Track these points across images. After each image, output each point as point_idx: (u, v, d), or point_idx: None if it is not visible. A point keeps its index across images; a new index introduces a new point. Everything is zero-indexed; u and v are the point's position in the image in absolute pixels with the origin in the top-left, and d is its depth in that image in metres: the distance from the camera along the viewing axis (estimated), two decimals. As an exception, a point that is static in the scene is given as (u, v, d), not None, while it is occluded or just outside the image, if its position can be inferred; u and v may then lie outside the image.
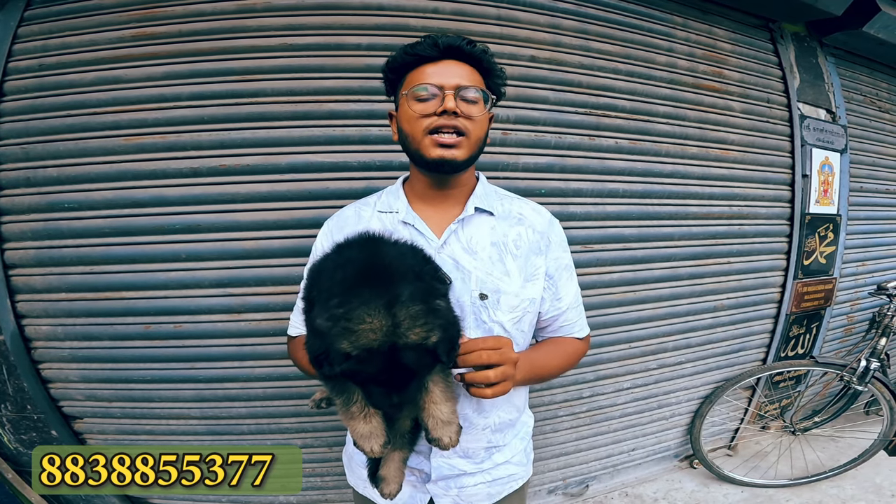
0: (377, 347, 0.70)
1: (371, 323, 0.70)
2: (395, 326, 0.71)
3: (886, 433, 2.69)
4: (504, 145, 2.11)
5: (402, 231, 1.10)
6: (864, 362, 2.61)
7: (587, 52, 2.26)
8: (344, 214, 1.19)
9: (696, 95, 2.52)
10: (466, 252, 1.08)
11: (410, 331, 0.72)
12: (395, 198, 1.16)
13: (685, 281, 2.60)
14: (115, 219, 1.92)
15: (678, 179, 2.50)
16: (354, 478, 1.26)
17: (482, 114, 1.04)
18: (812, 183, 2.82)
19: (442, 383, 0.87)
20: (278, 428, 2.14)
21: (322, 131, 1.94)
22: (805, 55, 2.84)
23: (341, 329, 0.71)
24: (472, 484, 1.17)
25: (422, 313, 0.73)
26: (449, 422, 0.88)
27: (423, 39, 1.04)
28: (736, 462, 2.93)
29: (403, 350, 0.72)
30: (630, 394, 2.63)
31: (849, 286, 3.22)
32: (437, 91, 1.00)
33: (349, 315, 0.71)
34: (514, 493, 1.27)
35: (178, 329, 1.98)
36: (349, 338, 0.70)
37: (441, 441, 0.89)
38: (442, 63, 1.02)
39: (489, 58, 1.07)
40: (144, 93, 1.89)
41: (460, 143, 1.01)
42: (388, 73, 1.11)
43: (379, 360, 0.71)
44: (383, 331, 0.70)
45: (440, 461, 1.13)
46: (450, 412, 0.88)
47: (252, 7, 1.90)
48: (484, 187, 1.18)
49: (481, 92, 1.04)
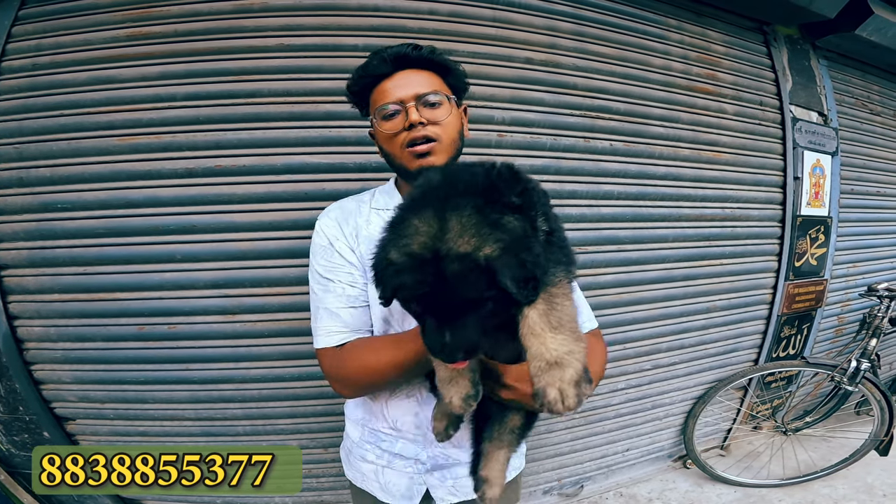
0: (420, 253, 0.62)
1: (419, 228, 0.64)
2: (442, 234, 0.62)
3: (877, 433, 2.72)
4: (500, 147, 2.12)
5: None
6: (854, 363, 2.64)
7: (583, 55, 2.28)
8: (346, 207, 1.18)
9: (690, 98, 2.54)
10: None
11: (459, 238, 0.61)
12: (391, 196, 1.17)
13: (679, 282, 2.62)
14: (109, 219, 1.90)
15: (672, 182, 2.52)
16: (353, 471, 1.26)
17: (448, 115, 1.05)
18: (803, 185, 2.85)
19: (543, 304, 0.65)
20: (274, 429, 2.14)
21: (319, 132, 1.94)
22: (798, 58, 2.87)
23: (393, 233, 0.67)
24: (467, 474, 1.17)
25: (477, 223, 0.62)
26: (559, 363, 0.62)
27: (371, 57, 1.06)
28: (729, 462, 2.96)
29: (448, 261, 0.60)
30: (624, 394, 2.64)
31: (839, 287, 3.26)
32: (398, 107, 1.02)
33: (401, 223, 0.68)
34: (509, 484, 1.27)
35: (172, 330, 1.97)
36: (397, 244, 0.65)
37: (547, 395, 0.62)
38: (397, 76, 1.04)
39: (440, 57, 1.08)
40: (139, 93, 1.88)
41: (434, 149, 1.03)
42: (351, 98, 1.14)
43: (425, 271, 0.61)
44: (429, 236, 0.62)
45: (436, 451, 1.15)
46: (560, 346, 0.62)
47: (249, 7, 1.90)
48: None
49: (442, 94, 1.05)
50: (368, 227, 1.12)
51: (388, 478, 1.18)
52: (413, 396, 1.12)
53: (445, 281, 0.60)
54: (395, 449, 1.17)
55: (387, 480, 1.18)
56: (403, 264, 0.63)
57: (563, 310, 0.65)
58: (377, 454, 1.19)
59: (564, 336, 0.63)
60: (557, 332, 0.63)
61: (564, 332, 0.63)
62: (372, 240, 1.05)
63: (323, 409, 2.12)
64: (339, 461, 2.19)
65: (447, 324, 0.62)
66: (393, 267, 0.64)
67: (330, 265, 1.11)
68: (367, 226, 1.12)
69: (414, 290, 0.63)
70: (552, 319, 0.63)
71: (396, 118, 1.02)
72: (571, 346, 0.63)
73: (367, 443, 1.20)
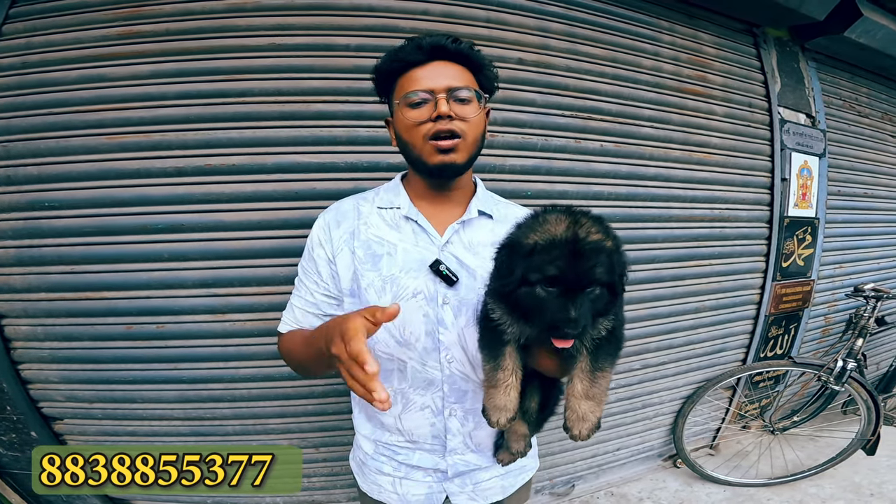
0: (561, 237, 0.79)
1: (557, 220, 0.82)
2: (577, 225, 0.80)
3: (864, 432, 2.75)
4: (491, 147, 2.12)
5: (404, 227, 1.10)
6: (840, 362, 2.67)
7: (574, 56, 2.29)
8: (342, 208, 1.17)
9: (680, 99, 2.56)
10: (468, 251, 1.09)
11: (590, 229, 0.80)
12: (396, 194, 1.15)
13: (668, 283, 2.64)
14: (97, 218, 1.89)
15: (662, 182, 2.54)
16: (368, 484, 1.24)
17: (476, 113, 1.03)
18: (791, 186, 2.88)
19: (587, 381, 0.89)
20: (263, 429, 2.13)
21: (310, 132, 1.94)
22: (787, 60, 2.90)
23: (530, 226, 0.84)
24: (487, 478, 1.20)
25: (599, 225, 0.82)
26: (584, 418, 0.90)
27: (408, 43, 1.02)
28: (718, 461, 2.98)
29: (584, 243, 0.78)
30: (614, 394, 2.65)
31: (826, 288, 3.29)
32: (428, 96, 0.99)
33: (537, 218, 0.85)
34: (523, 486, 1.30)
35: (160, 329, 1.96)
36: (537, 230, 0.82)
37: (572, 431, 0.91)
38: (430, 65, 1.01)
39: (477, 54, 1.06)
40: (129, 91, 1.86)
41: (458, 147, 1.01)
42: (377, 81, 1.10)
43: (563, 248, 0.78)
44: (568, 224, 0.80)
45: (455, 458, 1.15)
46: (588, 409, 0.90)
47: (241, 6, 1.89)
48: (483, 191, 1.20)
49: (473, 91, 1.02)
50: (368, 230, 1.10)
51: (407, 488, 1.17)
52: (427, 408, 1.12)
53: (581, 260, 0.77)
54: (413, 461, 1.16)
55: (405, 491, 1.17)
56: (546, 245, 0.79)
57: (599, 387, 0.90)
58: (394, 466, 1.18)
59: (593, 403, 0.90)
60: (590, 400, 0.90)
61: (594, 400, 0.90)
62: (372, 241, 1.09)
63: (314, 409, 2.12)
64: (329, 461, 2.23)
65: (572, 301, 0.78)
66: (538, 246, 0.80)
67: (306, 266, 1.17)
68: (366, 228, 1.11)
69: (560, 267, 0.78)
70: (589, 392, 0.90)
71: (423, 107, 0.99)
72: (594, 409, 0.91)
73: (382, 455, 1.19)
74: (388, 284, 1.05)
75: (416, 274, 1.05)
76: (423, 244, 1.08)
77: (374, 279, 1.06)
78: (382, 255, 1.07)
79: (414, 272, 1.05)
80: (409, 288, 1.05)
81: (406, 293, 1.05)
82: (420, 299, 1.05)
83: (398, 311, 0.79)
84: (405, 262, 1.06)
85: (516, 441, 1.11)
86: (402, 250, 1.07)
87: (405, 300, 1.04)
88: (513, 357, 0.93)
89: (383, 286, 1.05)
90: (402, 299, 1.04)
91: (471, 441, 1.16)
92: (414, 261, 1.06)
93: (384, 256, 1.07)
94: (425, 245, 1.08)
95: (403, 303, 1.04)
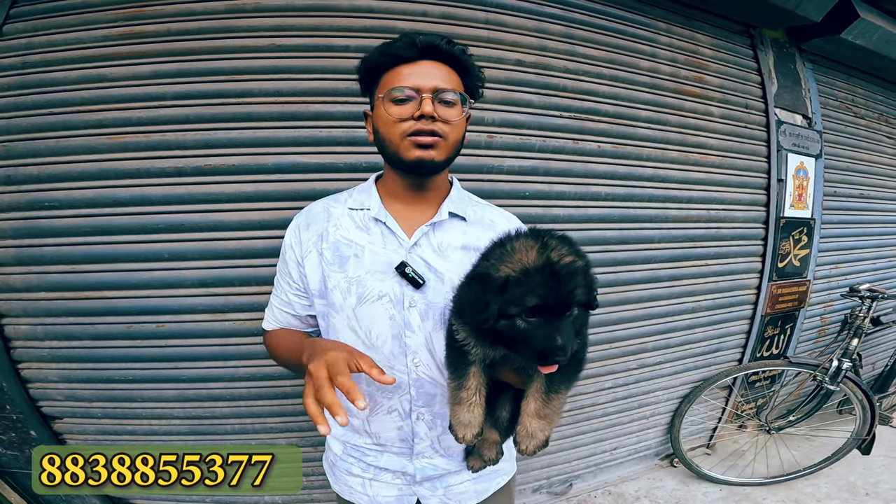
0: (535, 265, 0.78)
1: (526, 247, 0.81)
2: (548, 250, 0.80)
3: (859, 432, 2.77)
4: (489, 148, 2.14)
5: (373, 228, 1.09)
6: (836, 362, 2.69)
7: (572, 57, 2.30)
8: (313, 211, 1.16)
9: (678, 100, 2.58)
10: (437, 254, 1.07)
11: (561, 252, 0.80)
12: (368, 195, 1.14)
13: (664, 283, 2.66)
14: (97, 217, 1.90)
15: (659, 183, 2.55)
16: (339, 484, 1.24)
17: (459, 117, 1.03)
18: (787, 187, 2.90)
19: (540, 401, 0.91)
20: (262, 428, 2.14)
21: (309, 132, 1.95)
22: (783, 61, 2.92)
23: (498, 258, 0.83)
24: (458, 482, 1.18)
25: (569, 246, 0.82)
26: (533, 436, 0.93)
27: (400, 38, 1.01)
28: (714, 461, 3.00)
29: (560, 266, 0.78)
30: (611, 393, 2.67)
31: (822, 288, 3.32)
32: (413, 94, 0.98)
33: (503, 248, 0.84)
34: (501, 490, 1.28)
35: (160, 329, 1.97)
36: (507, 261, 0.81)
37: (519, 445, 0.94)
38: (419, 63, 1.00)
39: (468, 58, 1.05)
40: (129, 91, 1.87)
41: (437, 144, 1.00)
42: (363, 72, 1.08)
43: (540, 277, 0.77)
44: (538, 251, 0.80)
45: (423, 462, 1.14)
46: (538, 428, 0.93)
47: (242, 7, 1.90)
48: (458, 192, 1.18)
49: (459, 94, 1.02)
50: (337, 232, 1.10)
51: (377, 490, 1.17)
52: (395, 411, 1.11)
53: (559, 284, 0.77)
54: (381, 463, 1.15)
55: (375, 492, 1.17)
56: (520, 277, 0.78)
57: (551, 408, 0.92)
58: (363, 468, 1.17)
59: (544, 422, 0.93)
60: (541, 419, 0.92)
61: (545, 420, 0.92)
62: (340, 243, 1.08)
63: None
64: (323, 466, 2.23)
65: (556, 328, 0.77)
66: (512, 279, 0.79)
67: (281, 267, 1.19)
68: (335, 230, 1.10)
69: (541, 295, 0.77)
70: (541, 412, 0.92)
71: (407, 105, 0.98)
72: (544, 428, 0.93)
73: (350, 456, 1.19)
74: (353, 286, 1.05)
75: (383, 276, 1.04)
76: (391, 246, 1.07)
77: (341, 280, 1.05)
78: (350, 256, 1.07)
79: (380, 274, 1.05)
80: (375, 290, 1.04)
81: (371, 295, 1.04)
82: (385, 302, 1.04)
83: (392, 381, 0.89)
84: (372, 263, 1.06)
85: (488, 449, 1.11)
86: (370, 252, 1.07)
87: (371, 302, 1.04)
88: (476, 377, 0.93)
89: (349, 287, 1.05)
90: (368, 301, 1.04)
91: (439, 445, 1.15)
92: (381, 263, 1.05)
93: (351, 258, 1.07)
94: (393, 247, 1.07)
95: (369, 305, 1.04)
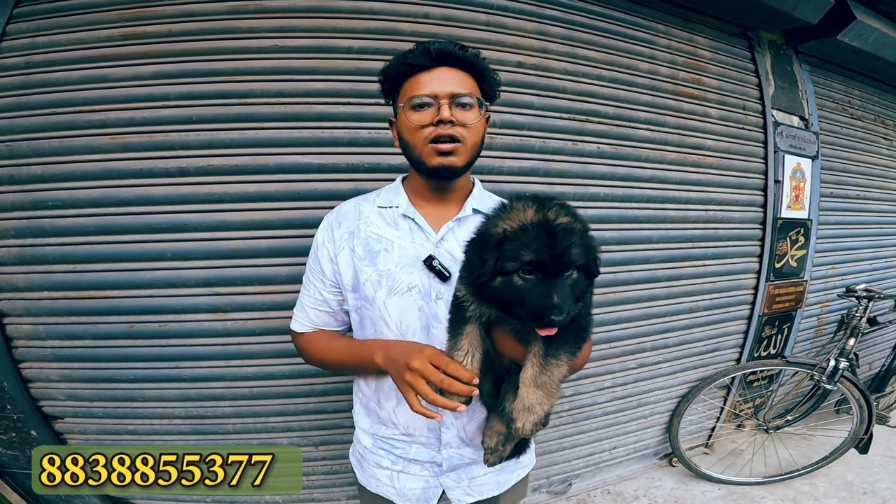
0: (531, 222, 0.80)
1: (525, 207, 0.83)
2: (545, 210, 0.82)
3: (856, 431, 2.80)
4: (490, 149, 2.14)
5: (402, 224, 1.15)
6: (833, 362, 2.71)
7: (572, 59, 2.32)
8: (344, 209, 1.22)
9: (676, 102, 2.60)
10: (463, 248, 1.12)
11: (558, 213, 0.82)
12: (395, 194, 1.20)
13: (663, 283, 2.68)
14: (100, 217, 1.90)
15: (657, 184, 2.57)
16: (367, 477, 1.27)
17: (477, 120, 1.08)
18: (784, 188, 2.92)
19: (538, 366, 0.87)
20: (264, 427, 2.15)
21: (311, 133, 1.96)
22: (781, 63, 2.95)
23: (498, 216, 0.86)
24: (482, 473, 1.22)
25: (567, 210, 0.84)
26: (531, 409, 0.87)
27: (416, 47, 1.07)
28: (713, 460, 3.02)
29: (556, 225, 0.79)
30: (610, 393, 2.69)
31: (819, 288, 3.34)
32: (431, 100, 1.04)
33: (504, 208, 0.87)
34: (519, 483, 1.32)
35: (163, 328, 1.97)
36: (506, 218, 0.84)
37: (515, 423, 0.89)
38: (435, 70, 1.05)
39: (482, 62, 1.11)
40: (132, 92, 1.88)
41: (457, 150, 1.05)
42: (383, 81, 1.14)
43: (535, 233, 0.79)
44: (535, 210, 0.82)
45: (450, 451, 1.18)
46: (536, 400, 0.87)
47: (244, 9, 1.91)
48: (480, 191, 1.25)
49: (475, 98, 1.07)
50: (368, 229, 1.15)
51: (404, 482, 1.20)
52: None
53: (555, 242, 0.78)
54: (410, 454, 1.19)
55: (402, 485, 1.20)
56: (517, 232, 0.81)
57: (551, 376, 0.87)
58: (392, 460, 1.21)
59: (542, 392, 0.87)
60: (539, 389, 0.87)
61: (544, 389, 0.87)
62: (370, 239, 1.13)
63: (314, 407, 2.14)
64: (329, 459, 2.25)
65: (552, 286, 0.78)
66: (509, 233, 0.81)
67: (312, 266, 1.22)
68: (366, 227, 1.15)
69: (535, 250, 0.78)
70: (539, 380, 0.87)
71: (426, 111, 1.04)
72: (543, 400, 0.88)
73: (380, 449, 1.22)
74: (383, 279, 1.09)
75: (411, 269, 1.09)
76: (419, 241, 1.13)
77: (371, 274, 1.10)
78: (380, 251, 1.12)
79: (409, 267, 1.10)
80: (404, 282, 1.09)
81: (401, 287, 1.09)
82: (415, 293, 1.09)
83: (472, 389, 0.92)
84: (401, 257, 1.11)
85: (490, 437, 1.12)
86: (399, 247, 1.12)
87: (400, 294, 1.09)
88: (470, 338, 0.94)
89: (379, 280, 1.10)
90: (398, 293, 1.09)
91: (465, 434, 1.18)
92: (409, 257, 1.10)
93: (381, 252, 1.12)
94: (421, 242, 1.13)
95: (399, 297, 1.09)
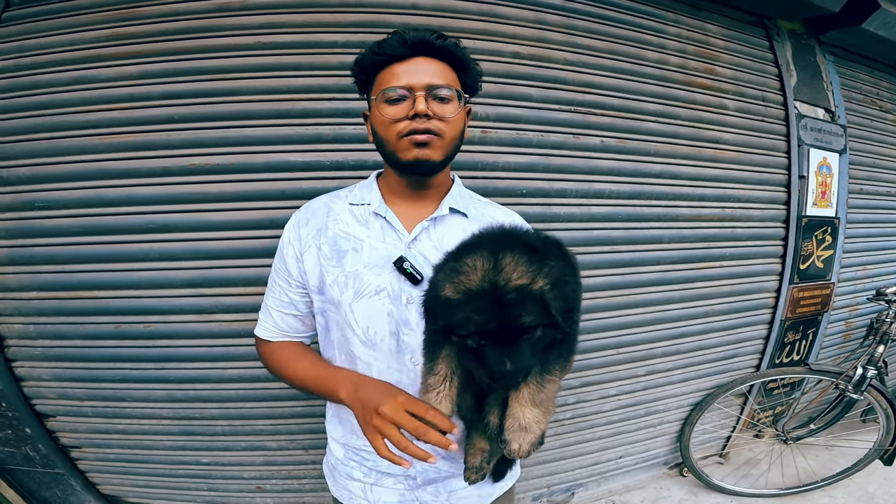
0: (477, 289, 0.71)
1: (473, 266, 0.73)
2: (497, 270, 0.71)
3: (882, 442, 2.61)
4: (483, 144, 2.06)
5: (373, 223, 1.08)
6: (860, 370, 2.53)
7: (573, 48, 2.20)
8: (313, 206, 1.15)
9: (688, 93, 2.45)
10: (437, 250, 1.04)
11: (513, 272, 0.71)
12: (369, 190, 1.12)
13: (676, 285, 2.54)
14: (87, 218, 1.90)
15: (668, 180, 2.43)
16: (340, 489, 1.21)
17: (455, 113, 1.00)
18: (809, 184, 2.74)
19: (534, 386, 0.82)
20: (252, 430, 2.12)
21: (296, 130, 1.91)
22: (802, 53, 2.76)
23: (446, 273, 0.75)
24: (461, 486, 1.15)
25: (528, 262, 0.72)
26: (527, 429, 0.82)
27: (391, 36, 0.99)
28: (726, 470, 2.87)
29: (506, 291, 0.70)
30: (616, 401, 2.57)
31: (847, 291, 3.13)
32: (406, 93, 0.96)
33: (456, 261, 0.76)
34: (504, 496, 1.26)
35: (148, 329, 1.96)
36: (452, 280, 0.73)
37: (510, 445, 0.84)
38: (412, 61, 0.97)
39: (462, 51, 1.02)
40: (119, 92, 1.86)
41: (433, 143, 0.98)
42: (357, 73, 1.06)
43: (481, 303, 0.70)
44: (485, 271, 0.71)
45: (426, 465, 1.09)
46: (532, 419, 0.82)
47: (229, 6, 1.87)
48: (459, 189, 1.17)
49: (454, 90, 0.99)
50: (336, 227, 1.08)
51: (378, 495, 1.14)
52: None
53: (504, 310, 0.69)
54: (382, 466, 1.12)
55: (377, 498, 1.14)
56: (461, 300, 0.72)
57: (547, 392, 0.83)
58: (364, 472, 1.15)
59: (539, 411, 0.83)
60: (535, 407, 0.83)
61: (540, 408, 0.83)
62: (339, 237, 1.06)
63: (302, 411, 2.10)
64: (319, 463, 2.19)
65: (506, 352, 0.72)
66: (453, 302, 0.72)
67: (278, 265, 1.15)
68: (335, 224, 1.08)
69: (479, 322, 0.71)
70: (535, 398, 0.82)
71: (401, 104, 0.96)
72: (540, 419, 0.83)
73: (351, 461, 1.17)
74: (350, 280, 1.02)
75: (381, 271, 1.02)
76: (391, 241, 1.05)
77: (338, 275, 1.03)
78: (348, 250, 1.05)
79: (378, 269, 1.02)
80: (372, 284, 1.01)
81: (369, 290, 1.01)
82: (383, 297, 1.01)
83: (450, 442, 0.84)
84: (370, 258, 1.03)
85: (473, 455, 1.05)
86: (369, 246, 1.05)
87: (368, 297, 1.02)
88: (447, 361, 0.87)
89: (346, 282, 1.02)
90: (365, 296, 1.02)
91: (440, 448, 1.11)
92: (379, 257, 1.03)
93: (349, 252, 1.05)
94: (392, 242, 1.05)
95: (366, 300, 1.02)
